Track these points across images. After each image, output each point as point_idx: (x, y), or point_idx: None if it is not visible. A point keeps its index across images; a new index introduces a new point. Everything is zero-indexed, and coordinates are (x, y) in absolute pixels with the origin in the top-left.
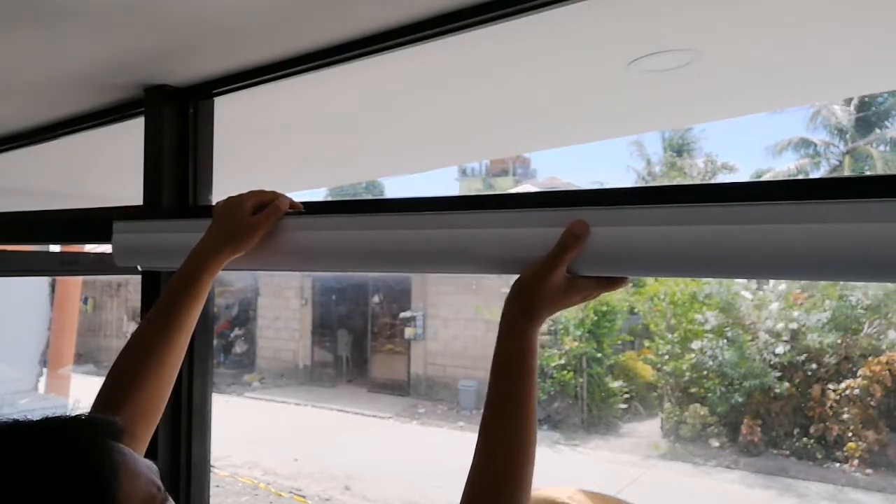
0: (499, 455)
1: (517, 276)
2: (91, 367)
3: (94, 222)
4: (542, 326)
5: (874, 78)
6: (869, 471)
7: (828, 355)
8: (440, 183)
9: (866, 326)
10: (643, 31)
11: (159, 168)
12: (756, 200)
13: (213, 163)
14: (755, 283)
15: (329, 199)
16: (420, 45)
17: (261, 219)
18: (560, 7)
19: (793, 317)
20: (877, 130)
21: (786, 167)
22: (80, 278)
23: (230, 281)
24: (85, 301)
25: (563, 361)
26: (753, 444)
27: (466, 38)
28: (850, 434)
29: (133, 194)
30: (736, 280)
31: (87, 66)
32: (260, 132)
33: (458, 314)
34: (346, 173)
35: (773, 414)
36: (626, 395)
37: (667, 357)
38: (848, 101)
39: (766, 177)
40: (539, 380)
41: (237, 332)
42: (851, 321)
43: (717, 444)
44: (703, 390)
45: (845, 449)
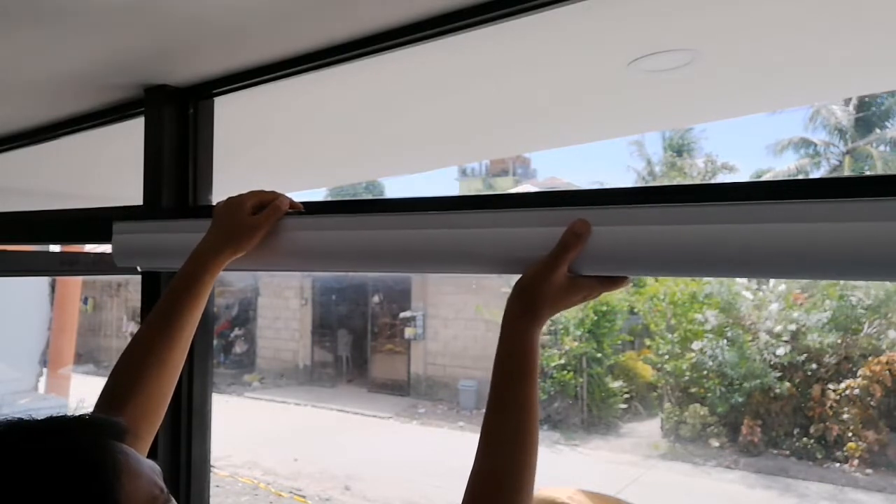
0: (500, 455)
1: (518, 276)
2: (91, 368)
3: (94, 222)
4: (543, 326)
5: (874, 78)
6: (869, 471)
7: (828, 355)
8: (440, 183)
9: (866, 326)
10: (643, 31)
11: (159, 168)
12: (756, 200)
13: (213, 163)
14: (755, 283)
15: (329, 199)
16: (420, 45)
17: (261, 219)
18: (560, 7)
19: (793, 317)
20: (877, 130)
21: (786, 167)
22: (80, 278)
23: (230, 281)
24: (85, 301)
25: (563, 361)
26: (753, 444)
27: (466, 38)
28: (851, 434)
29: (133, 194)
30: (736, 280)
31: (87, 66)
32: (260, 132)
33: (458, 314)
34: (346, 173)
35: (774, 414)
36: (626, 395)
37: (667, 357)
38: (848, 101)
39: (766, 177)
40: (539, 380)
41: (237, 332)
42: (851, 321)
43: (717, 444)
44: (703, 390)
45: (845, 449)
